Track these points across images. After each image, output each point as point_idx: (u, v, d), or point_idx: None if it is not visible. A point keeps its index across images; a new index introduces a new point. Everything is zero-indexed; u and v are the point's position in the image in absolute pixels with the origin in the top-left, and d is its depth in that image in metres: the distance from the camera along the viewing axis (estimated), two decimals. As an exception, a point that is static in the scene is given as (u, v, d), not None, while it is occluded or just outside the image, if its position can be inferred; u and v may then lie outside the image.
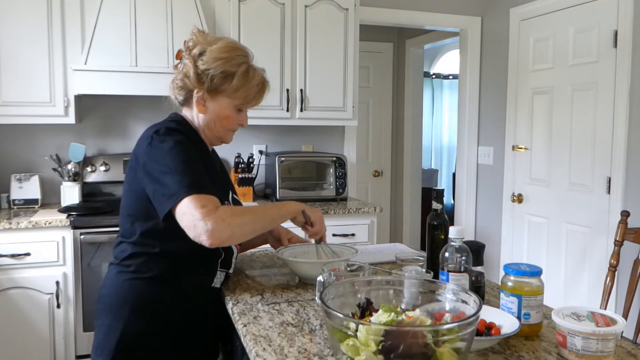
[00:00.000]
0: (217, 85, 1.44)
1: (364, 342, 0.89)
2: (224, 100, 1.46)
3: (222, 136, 1.53)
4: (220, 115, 1.47)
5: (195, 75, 1.44)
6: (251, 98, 1.48)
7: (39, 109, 2.89)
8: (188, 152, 1.36)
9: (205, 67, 1.43)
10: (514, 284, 1.22)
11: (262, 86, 1.50)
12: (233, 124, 1.50)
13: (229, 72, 1.43)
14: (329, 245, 1.66)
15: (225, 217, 1.28)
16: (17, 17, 2.82)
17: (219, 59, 1.42)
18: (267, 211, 1.47)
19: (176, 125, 1.42)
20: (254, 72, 1.47)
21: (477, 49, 4.02)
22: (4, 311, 2.63)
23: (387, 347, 0.88)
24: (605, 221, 2.98)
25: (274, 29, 3.25)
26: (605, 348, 1.04)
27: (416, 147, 5.16)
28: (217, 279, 1.49)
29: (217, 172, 1.56)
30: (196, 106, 1.47)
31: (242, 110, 1.51)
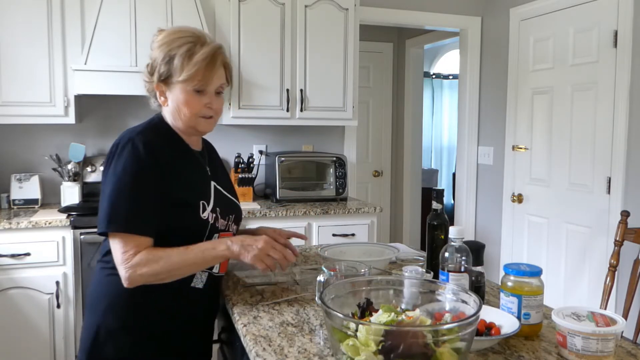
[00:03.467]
0: (165, 73, 1.38)
1: (364, 342, 0.89)
2: (177, 85, 1.39)
3: (193, 124, 1.43)
4: (179, 102, 1.40)
5: (147, 72, 1.43)
6: (203, 75, 1.37)
7: (39, 109, 2.89)
8: (141, 178, 1.31)
9: (152, 59, 1.41)
10: (514, 284, 1.22)
11: (212, 59, 1.38)
12: (196, 107, 1.40)
13: (170, 55, 1.37)
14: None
15: (138, 267, 1.28)
16: (17, 17, 2.82)
17: (160, 46, 1.39)
18: (189, 257, 1.34)
19: (141, 134, 1.37)
20: (201, 47, 1.38)
21: (477, 49, 4.02)
22: (4, 311, 2.63)
23: (387, 347, 0.88)
24: (605, 221, 2.98)
25: (274, 29, 3.25)
26: (605, 348, 1.04)
27: (416, 147, 5.16)
28: (198, 280, 1.43)
29: (199, 171, 1.48)
30: (160, 101, 1.44)
31: (203, 91, 1.40)
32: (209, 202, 1.42)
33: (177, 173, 1.38)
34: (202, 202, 1.41)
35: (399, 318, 0.98)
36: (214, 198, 1.45)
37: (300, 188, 3.32)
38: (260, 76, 3.24)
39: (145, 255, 1.29)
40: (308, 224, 3.10)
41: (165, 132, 1.44)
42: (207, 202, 1.42)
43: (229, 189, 1.57)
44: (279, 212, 3.02)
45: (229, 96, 3.17)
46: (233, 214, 1.51)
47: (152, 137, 1.38)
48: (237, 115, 3.21)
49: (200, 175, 1.48)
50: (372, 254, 1.73)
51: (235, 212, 1.54)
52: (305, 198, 3.32)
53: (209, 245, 1.36)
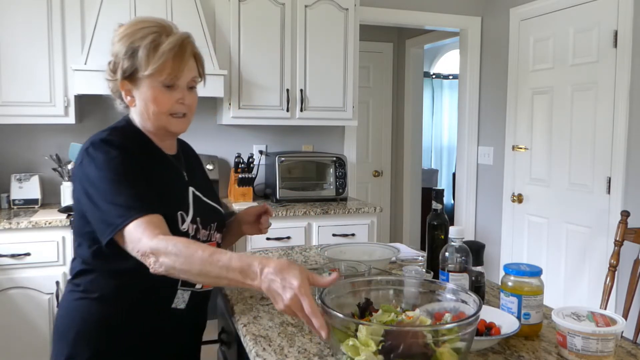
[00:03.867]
0: (129, 69, 1.24)
1: (364, 342, 0.89)
2: (143, 81, 1.24)
3: (164, 124, 1.28)
4: (146, 100, 1.25)
5: (109, 70, 1.28)
6: (172, 67, 1.23)
7: (39, 109, 2.89)
8: (123, 167, 1.19)
9: (114, 55, 1.26)
10: (514, 284, 1.22)
11: (180, 48, 1.24)
12: (166, 104, 1.26)
13: (133, 48, 1.23)
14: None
15: (159, 252, 1.09)
16: (17, 17, 2.82)
17: (122, 39, 1.25)
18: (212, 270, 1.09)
19: (110, 135, 1.24)
20: (167, 38, 1.24)
21: (477, 49, 4.02)
22: (4, 311, 2.63)
23: (387, 347, 0.88)
24: (605, 221, 2.98)
25: (274, 29, 3.25)
26: (605, 348, 1.04)
27: (416, 147, 5.16)
28: (179, 299, 1.28)
29: (175, 178, 1.34)
30: (126, 101, 1.29)
31: (173, 86, 1.26)
32: (187, 212, 1.27)
33: (150, 180, 1.23)
34: (181, 212, 1.26)
35: (398, 318, 0.99)
36: (194, 206, 1.30)
37: (300, 188, 3.32)
38: (260, 76, 3.23)
39: (165, 240, 1.11)
40: (308, 224, 3.10)
41: (134, 135, 1.30)
42: (186, 212, 1.27)
43: (210, 194, 1.42)
44: (279, 212, 3.02)
45: (229, 96, 3.17)
46: (215, 221, 1.37)
47: (118, 138, 1.24)
48: (237, 115, 3.21)
49: (176, 182, 1.33)
50: (372, 254, 1.73)
51: (218, 219, 1.39)
52: (305, 198, 3.32)
53: (236, 265, 1.06)
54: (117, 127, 1.30)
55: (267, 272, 1.02)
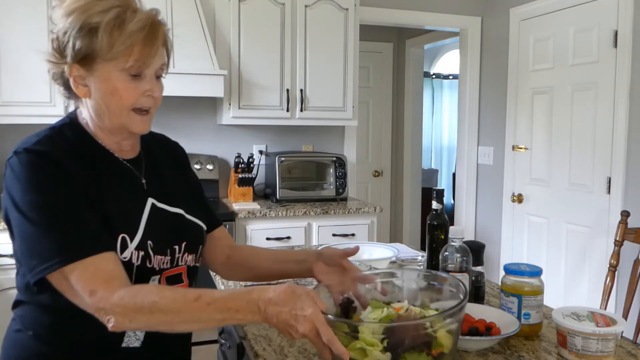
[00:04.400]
0: (83, 50, 1.00)
1: (369, 342, 0.89)
2: (105, 67, 1.00)
3: (124, 122, 1.04)
4: (107, 91, 1.02)
5: (55, 50, 1.04)
6: (140, 51, 1.00)
7: (39, 109, 2.88)
8: (57, 188, 0.97)
9: (61, 31, 1.02)
10: (514, 284, 1.22)
11: (151, 29, 1.02)
12: (132, 97, 1.03)
13: (91, 24, 0.98)
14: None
15: (124, 311, 0.91)
16: (17, 17, 2.82)
17: (72, 12, 1.00)
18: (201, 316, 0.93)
19: (40, 143, 1.01)
20: (133, 14, 1.01)
21: (477, 49, 4.02)
22: (4, 311, 2.62)
23: (393, 343, 0.89)
24: (605, 221, 2.98)
25: (274, 29, 3.25)
26: (605, 348, 1.04)
27: (416, 147, 5.16)
28: (131, 338, 1.04)
29: (127, 188, 1.09)
30: (76, 90, 1.05)
31: (140, 75, 1.03)
32: (134, 235, 1.02)
33: (86, 194, 0.99)
34: (123, 235, 1.01)
35: (388, 311, 0.99)
36: (147, 225, 1.05)
37: (300, 188, 3.32)
38: (260, 76, 3.23)
39: (128, 294, 0.92)
40: (308, 224, 3.10)
41: (73, 137, 1.06)
42: (132, 235, 1.02)
43: (187, 201, 1.17)
44: (279, 212, 3.02)
45: (229, 96, 3.17)
46: (184, 240, 1.11)
47: (51, 147, 1.01)
48: (237, 115, 3.21)
49: (128, 194, 1.08)
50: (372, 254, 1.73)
51: (190, 237, 1.14)
52: (305, 198, 3.32)
53: (231, 305, 0.92)
54: (54, 129, 1.08)
55: (271, 304, 0.90)
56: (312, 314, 0.89)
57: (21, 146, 1.01)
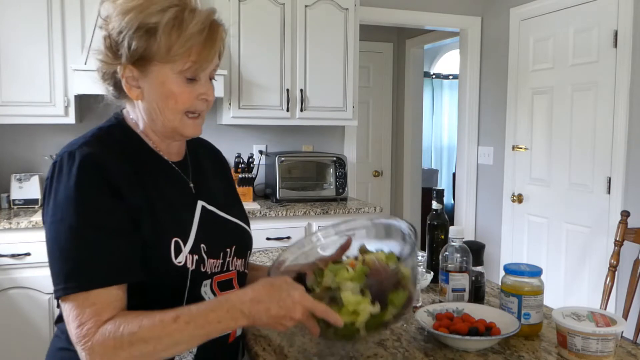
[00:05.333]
0: (140, 51, 0.96)
1: (356, 300, 0.95)
2: (161, 69, 0.98)
3: (178, 125, 1.02)
4: (162, 94, 0.99)
5: (108, 49, 0.99)
6: (199, 53, 0.98)
7: (39, 109, 2.88)
8: (91, 203, 0.92)
9: (116, 30, 0.97)
10: (514, 284, 1.22)
11: (211, 31, 0.99)
12: (188, 101, 1.01)
13: (149, 25, 0.95)
14: None
15: (104, 351, 0.87)
16: (17, 17, 2.82)
17: (129, 11, 0.96)
18: (184, 334, 0.89)
19: (85, 145, 0.98)
20: (191, 14, 0.97)
21: (477, 49, 4.02)
22: (4, 311, 2.63)
23: (374, 293, 0.96)
24: (605, 221, 2.98)
25: (274, 29, 3.25)
26: (605, 348, 1.04)
27: (416, 147, 5.16)
28: (185, 353, 1.01)
29: (177, 192, 1.07)
30: (128, 92, 1.02)
31: (196, 78, 1.01)
32: (187, 239, 1.00)
33: (138, 199, 0.97)
34: (176, 239, 0.98)
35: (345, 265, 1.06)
36: (199, 228, 1.04)
37: (300, 188, 3.32)
38: (260, 76, 3.23)
39: (114, 330, 0.87)
40: (308, 224, 3.10)
41: (123, 139, 1.05)
42: (185, 239, 1.00)
43: (232, 207, 1.16)
44: (279, 212, 3.02)
45: (229, 96, 3.17)
46: (234, 244, 1.10)
47: (99, 149, 0.98)
48: (237, 115, 3.21)
49: (178, 197, 1.06)
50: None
51: (239, 240, 1.13)
52: (305, 198, 3.32)
53: (212, 317, 0.90)
54: (102, 130, 1.06)
55: (255, 303, 0.90)
56: (300, 296, 0.91)
57: (67, 148, 0.97)
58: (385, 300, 0.96)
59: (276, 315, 0.90)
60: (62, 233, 0.91)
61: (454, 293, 1.32)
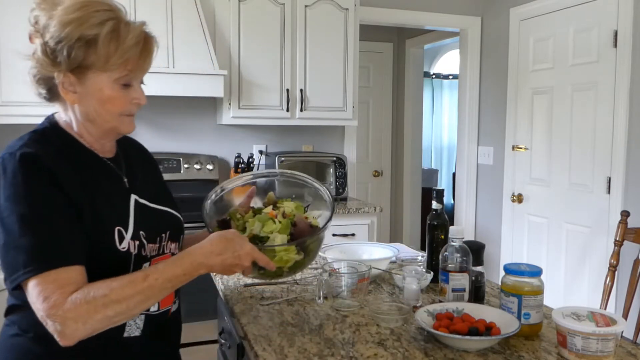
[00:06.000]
0: (79, 60, 1.03)
1: (285, 249, 1.18)
2: (98, 77, 1.05)
3: (115, 125, 1.11)
4: (99, 99, 1.06)
5: (46, 54, 1.03)
6: (135, 64, 1.07)
7: (39, 109, 2.85)
8: (36, 196, 0.98)
9: (54, 39, 1.02)
10: (514, 284, 1.22)
11: (145, 42, 1.08)
12: (123, 105, 1.09)
13: (88, 37, 1.01)
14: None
15: (77, 316, 0.92)
16: (17, 17, 2.82)
17: (68, 23, 1.01)
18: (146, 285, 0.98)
19: (27, 146, 1.05)
20: (127, 27, 1.05)
21: (477, 49, 4.02)
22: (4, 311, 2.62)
23: (299, 244, 1.21)
24: (605, 221, 2.98)
25: (274, 29, 3.25)
26: (605, 348, 1.04)
27: (416, 147, 5.16)
28: (132, 327, 1.10)
29: (113, 186, 1.14)
30: (65, 96, 1.08)
31: (130, 84, 1.09)
32: (127, 227, 1.08)
33: (79, 192, 1.03)
34: (118, 228, 1.06)
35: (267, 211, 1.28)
36: (135, 218, 1.11)
37: (300, 188, 3.32)
38: (260, 76, 3.23)
39: (82, 297, 0.93)
40: (308, 224, 3.10)
41: (58, 140, 1.11)
42: (125, 227, 1.08)
43: (161, 197, 1.25)
44: (279, 212, 3.02)
45: (229, 96, 3.17)
46: (168, 230, 1.19)
47: (38, 148, 1.04)
48: (237, 115, 3.21)
49: (114, 191, 1.13)
50: (372, 253, 1.73)
51: (171, 226, 1.21)
52: (305, 198, 3.31)
53: (178, 271, 1.02)
54: (38, 132, 1.12)
55: (212, 255, 1.06)
56: (250, 248, 1.10)
57: (7, 150, 1.04)
58: (306, 248, 1.21)
59: (230, 264, 1.08)
60: (13, 226, 0.96)
61: (454, 293, 1.32)
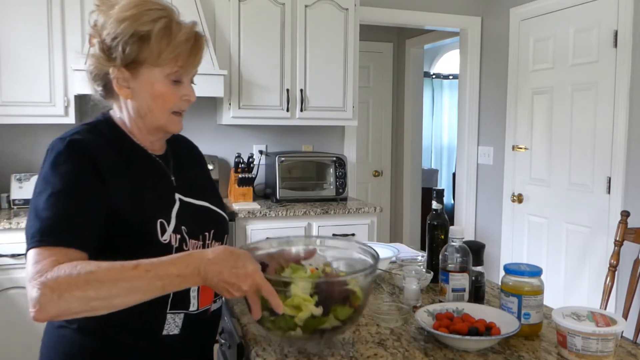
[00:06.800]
0: (133, 55, 1.07)
1: (303, 297, 1.00)
2: (150, 72, 1.09)
3: (164, 123, 1.14)
4: (152, 94, 1.10)
5: (102, 51, 1.09)
6: (185, 60, 1.11)
7: (39, 109, 2.89)
8: (70, 178, 1.01)
9: (110, 36, 1.07)
10: (514, 284, 1.22)
11: (196, 41, 1.12)
12: (173, 100, 1.12)
13: (142, 33, 1.06)
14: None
15: (56, 285, 0.89)
16: (17, 17, 2.82)
17: (123, 20, 1.06)
18: (132, 275, 0.93)
19: (78, 134, 1.08)
20: (178, 26, 1.10)
21: (477, 49, 4.02)
22: (4, 311, 2.63)
23: (322, 298, 1.02)
24: (605, 221, 2.98)
25: (274, 29, 3.25)
26: (605, 348, 1.04)
27: (416, 147, 5.16)
28: (171, 325, 1.12)
29: (159, 182, 1.17)
30: (119, 92, 1.12)
31: (180, 81, 1.13)
32: (169, 221, 1.10)
33: (124, 184, 1.07)
34: (160, 220, 1.08)
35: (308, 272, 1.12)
36: (179, 214, 1.13)
37: (300, 188, 3.32)
38: (260, 76, 3.23)
39: (68, 270, 0.90)
40: (308, 224, 3.10)
41: (110, 133, 1.14)
42: (168, 221, 1.10)
43: (208, 197, 1.26)
44: (279, 212, 3.02)
45: (229, 96, 3.17)
46: (212, 229, 1.20)
47: (87, 136, 1.08)
48: (237, 115, 3.21)
49: (160, 187, 1.16)
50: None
51: (216, 225, 1.22)
52: (305, 198, 3.32)
53: (172, 271, 0.95)
54: (91, 124, 1.15)
55: (211, 264, 0.95)
56: (254, 270, 0.97)
57: (58, 137, 1.07)
58: (329, 308, 1.02)
59: (226, 280, 0.95)
60: (41, 200, 0.99)
61: (454, 293, 1.32)
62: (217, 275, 0.95)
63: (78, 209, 1.00)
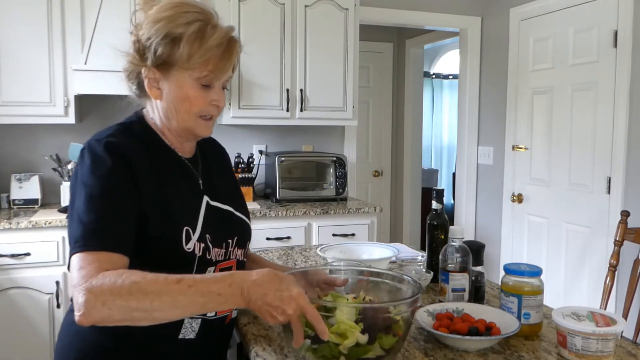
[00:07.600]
0: (164, 57, 1.08)
1: (349, 324, 0.96)
2: (180, 74, 1.09)
3: (192, 126, 1.13)
4: (179, 97, 1.10)
5: (136, 51, 1.11)
6: (215, 64, 1.09)
7: (39, 109, 2.88)
8: (110, 180, 1.02)
9: (145, 36, 1.09)
10: (514, 284, 1.22)
11: (228, 46, 1.10)
12: (201, 105, 1.11)
13: (174, 34, 1.07)
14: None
15: (100, 292, 0.89)
16: (17, 17, 2.82)
17: (158, 21, 1.08)
18: (180, 298, 0.92)
19: (112, 136, 1.08)
20: (213, 29, 1.09)
21: (477, 49, 4.02)
22: (4, 311, 2.63)
23: (366, 326, 0.98)
24: (605, 221, 2.98)
25: (274, 29, 3.25)
26: (605, 348, 1.04)
27: (416, 147, 5.16)
28: (188, 330, 1.12)
29: (188, 186, 1.17)
30: (149, 92, 1.12)
31: (210, 85, 1.11)
32: (195, 228, 1.10)
33: (154, 188, 1.07)
34: (186, 228, 1.08)
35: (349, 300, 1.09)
36: (204, 220, 1.13)
37: (300, 188, 3.32)
38: (260, 76, 3.24)
39: (112, 275, 0.91)
40: (308, 224, 3.10)
41: (143, 134, 1.15)
42: (193, 228, 1.09)
43: (234, 201, 1.25)
44: (279, 212, 3.02)
45: (229, 96, 3.17)
46: (236, 235, 1.19)
47: (122, 140, 1.08)
48: (237, 115, 3.21)
49: (188, 190, 1.16)
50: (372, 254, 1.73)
51: (240, 232, 1.22)
52: (305, 198, 3.32)
53: (213, 288, 0.93)
54: (124, 125, 1.15)
55: (255, 286, 0.93)
56: (298, 293, 0.93)
57: (94, 137, 1.08)
58: (374, 336, 0.98)
59: (270, 303, 0.92)
60: (81, 202, 1.00)
61: (454, 293, 1.32)
62: (262, 297, 0.92)
63: (118, 212, 1.01)
